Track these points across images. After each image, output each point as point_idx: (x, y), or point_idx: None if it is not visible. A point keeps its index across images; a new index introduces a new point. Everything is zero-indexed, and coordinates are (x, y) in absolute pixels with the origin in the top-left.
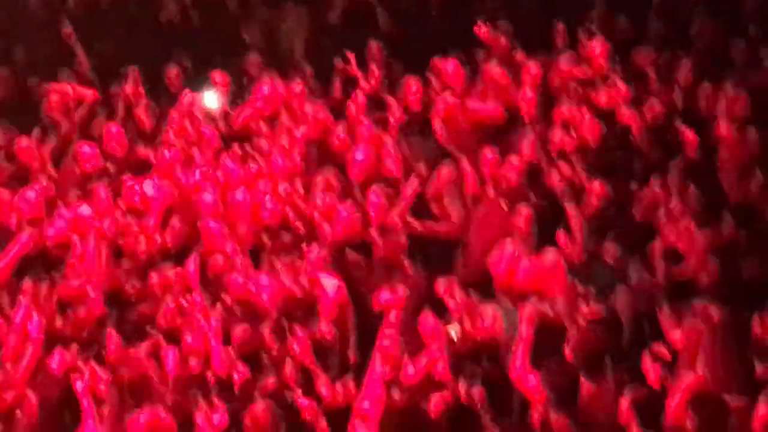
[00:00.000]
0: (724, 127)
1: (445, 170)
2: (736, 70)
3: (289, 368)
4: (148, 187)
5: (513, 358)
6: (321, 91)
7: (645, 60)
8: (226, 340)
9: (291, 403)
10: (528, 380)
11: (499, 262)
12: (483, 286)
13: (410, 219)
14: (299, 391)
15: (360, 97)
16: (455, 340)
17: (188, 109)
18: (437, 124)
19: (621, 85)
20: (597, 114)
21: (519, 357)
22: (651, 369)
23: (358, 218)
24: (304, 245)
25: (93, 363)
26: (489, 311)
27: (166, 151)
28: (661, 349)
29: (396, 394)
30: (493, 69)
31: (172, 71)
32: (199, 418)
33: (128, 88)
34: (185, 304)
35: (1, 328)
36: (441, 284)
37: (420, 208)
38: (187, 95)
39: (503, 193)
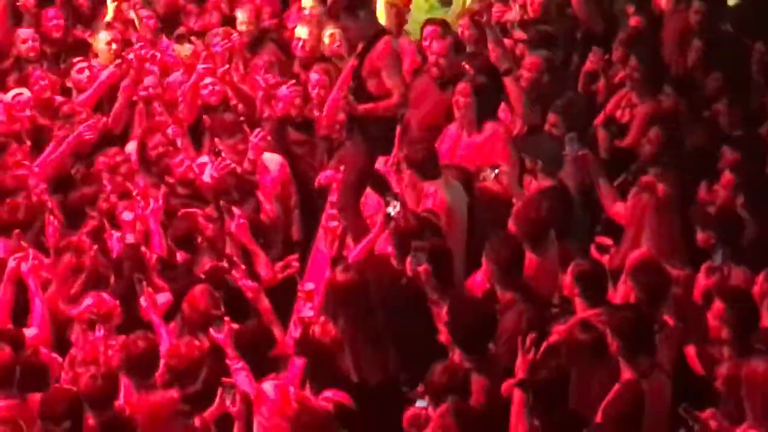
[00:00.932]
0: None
1: (382, 44)
2: None
3: (228, 248)
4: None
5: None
6: None
7: None
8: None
9: (231, 284)
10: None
11: (442, 141)
12: (424, 162)
13: (350, 100)
14: (240, 272)
15: None
16: (392, 216)
17: None
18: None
19: None
20: None
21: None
22: (597, 257)
23: (300, 96)
24: (245, 126)
25: (34, 249)
26: (431, 187)
27: (104, 33)
28: (604, 240)
29: (340, 274)
30: None
31: None
32: (142, 299)
33: None
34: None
35: None
36: (382, 162)
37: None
38: None
39: (441, 68)
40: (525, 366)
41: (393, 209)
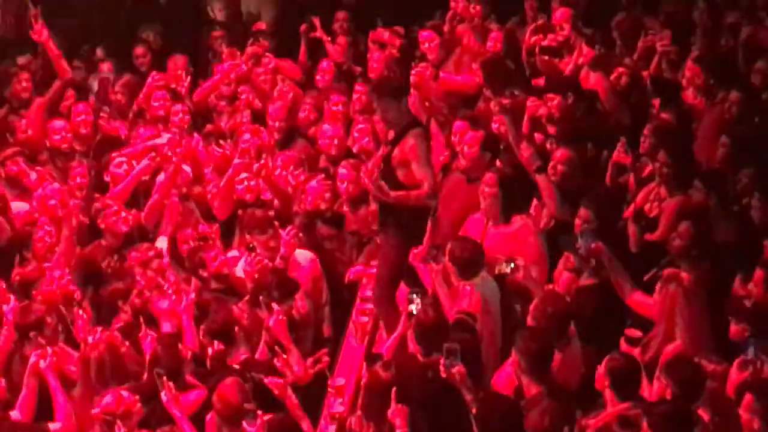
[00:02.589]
0: (690, 94)
1: (413, 137)
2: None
3: (261, 344)
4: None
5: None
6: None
7: (614, 25)
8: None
9: (258, 380)
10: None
11: (465, 230)
12: (469, 261)
13: (381, 184)
14: (282, 361)
15: (327, 65)
16: (414, 313)
17: (156, 88)
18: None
19: (587, 51)
20: (564, 81)
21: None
22: (627, 349)
23: (329, 190)
24: (277, 224)
25: (62, 343)
26: (467, 287)
27: (142, 129)
28: (633, 332)
29: (383, 371)
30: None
31: (139, 50)
32: (163, 395)
33: (100, 66)
34: (163, 283)
35: None
36: (414, 255)
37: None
38: (154, 74)
39: (468, 158)
40: None
41: (415, 306)
